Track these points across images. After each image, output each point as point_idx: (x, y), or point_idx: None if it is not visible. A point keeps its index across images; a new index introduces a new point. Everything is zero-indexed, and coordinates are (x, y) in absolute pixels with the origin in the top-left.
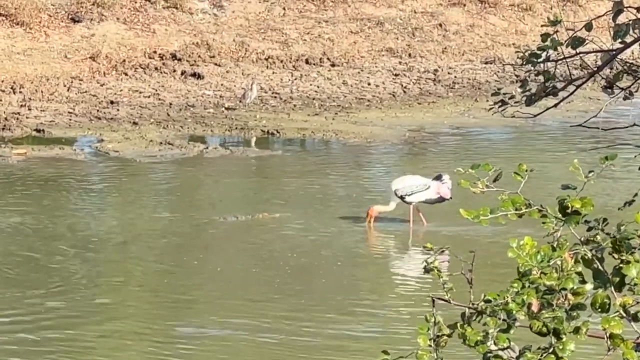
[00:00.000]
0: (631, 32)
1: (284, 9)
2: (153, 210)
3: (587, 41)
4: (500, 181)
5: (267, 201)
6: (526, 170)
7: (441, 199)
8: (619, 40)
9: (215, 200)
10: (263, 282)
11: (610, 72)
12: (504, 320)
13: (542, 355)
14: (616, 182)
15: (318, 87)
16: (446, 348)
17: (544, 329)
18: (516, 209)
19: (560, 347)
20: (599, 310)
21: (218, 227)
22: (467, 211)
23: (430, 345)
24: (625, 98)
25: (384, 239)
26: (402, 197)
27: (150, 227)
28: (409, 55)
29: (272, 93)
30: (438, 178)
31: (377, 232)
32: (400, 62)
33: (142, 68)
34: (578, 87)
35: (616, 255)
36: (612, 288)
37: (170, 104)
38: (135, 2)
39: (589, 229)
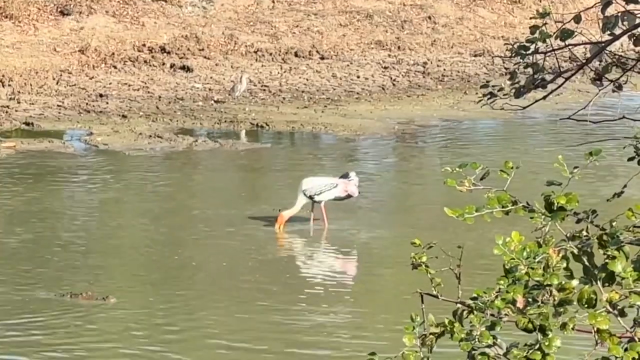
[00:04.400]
0: (620, 24)
1: (273, 1)
2: (141, 204)
3: (576, 33)
4: (490, 175)
5: (257, 194)
6: (512, 167)
7: (349, 197)
8: (608, 32)
9: (204, 193)
10: (233, 276)
11: (600, 65)
12: (491, 315)
13: (528, 352)
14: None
15: (307, 80)
16: (439, 346)
17: (530, 326)
18: (502, 207)
19: (547, 343)
20: (586, 305)
21: (205, 221)
22: (452, 209)
23: (424, 344)
24: (614, 90)
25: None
26: (311, 197)
27: (137, 221)
28: (398, 48)
29: (262, 86)
30: (345, 176)
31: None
32: (389, 55)
33: (131, 61)
34: (567, 79)
35: (602, 251)
36: (600, 283)
37: (160, 97)
38: None
39: (578, 221)
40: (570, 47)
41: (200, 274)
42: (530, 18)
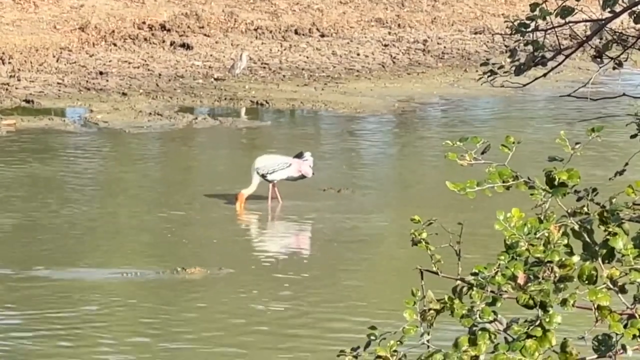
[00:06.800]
0: (620, 1)
1: None
2: (141, 181)
3: (576, 11)
4: (489, 152)
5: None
6: (513, 142)
7: (302, 177)
8: (608, 9)
9: (204, 171)
10: (225, 255)
11: (600, 42)
12: (491, 292)
13: (529, 328)
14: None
15: (307, 57)
16: (438, 322)
17: (531, 302)
18: (503, 181)
19: (547, 319)
20: (586, 282)
21: (204, 198)
22: (453, 183)
23: (424, 320)
24: (614, 68)
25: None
26: (263, 176)
27: (136, 199)
28: (398, 25)
29: (262, 64)
30: (299, 156)
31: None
32: (389, 33)
33: (131, 39)
34: (567, 56)
35: (603, 227)
36: (600, 260)
37: (160, 74)
38: None
39: (579, 199)
40: (570, 24)
41: (191, 252)
42: None
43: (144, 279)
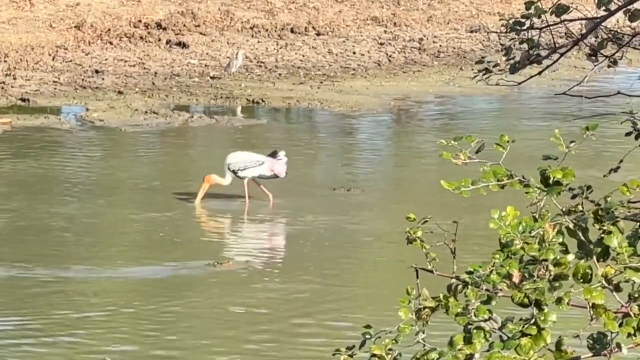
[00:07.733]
0: None
1: None
2: (137, 180)
3: (571, 9)
4: (485, 151)
5: None
6: (508, 141)
7: (275, 176)
8: (603, 7)
9: (199, 169)
10: (216, 253)
11: (595, 40)
12: (486, 290)
13: (524, 327)
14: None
15: (303, 56)
16: (434, 321)
17: (526, 300)
18: (498, 180)
19: (542, 318)
20: (581, 280)
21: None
22: (448, 182)
23: (419, 318)
24: (609, 66)
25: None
26: (234, 172)
27: (132, 197)
28: (394, 24)
29: (257, 62)
30: (273, 155)
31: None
32: (385, 31)
33: (127, 37)
34: (562, 55)
35: (597, 226)
36: (595, 258)
37: (156, 73)
38: None
39: (573, 197)
40: (565, 22)
41: (189, 250)
42: None
43: (151, 277)
